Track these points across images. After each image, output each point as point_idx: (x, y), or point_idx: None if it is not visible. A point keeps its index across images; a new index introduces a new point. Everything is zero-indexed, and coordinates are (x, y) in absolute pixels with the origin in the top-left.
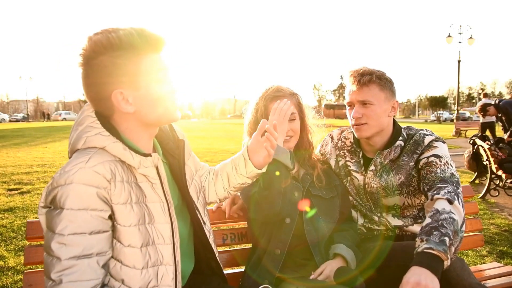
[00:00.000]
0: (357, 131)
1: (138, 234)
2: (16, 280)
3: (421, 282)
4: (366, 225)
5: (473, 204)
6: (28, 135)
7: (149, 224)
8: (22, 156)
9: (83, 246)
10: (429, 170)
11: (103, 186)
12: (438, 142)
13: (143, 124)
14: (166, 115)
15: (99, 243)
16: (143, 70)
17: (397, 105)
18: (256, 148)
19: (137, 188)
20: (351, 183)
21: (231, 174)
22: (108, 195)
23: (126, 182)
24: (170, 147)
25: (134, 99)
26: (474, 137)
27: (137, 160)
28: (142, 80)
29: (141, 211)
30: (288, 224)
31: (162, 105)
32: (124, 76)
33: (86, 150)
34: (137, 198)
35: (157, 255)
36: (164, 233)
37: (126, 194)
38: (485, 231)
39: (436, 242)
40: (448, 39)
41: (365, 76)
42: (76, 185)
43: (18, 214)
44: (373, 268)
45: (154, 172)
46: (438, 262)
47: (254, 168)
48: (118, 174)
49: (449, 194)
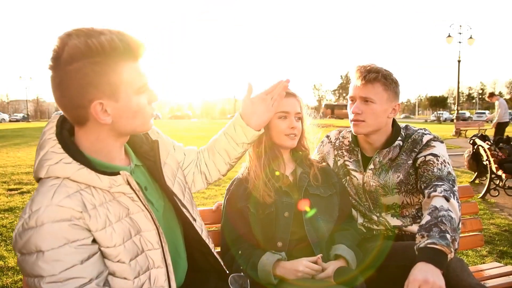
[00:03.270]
0: (354, 127)
1: (125, 251)
2: (16, 280)
3: (429, 279)
4: (365, 225)
5: (473, 204)
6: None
7: (136, 235)
8: (22, 156)
9: (79, 276)
10: (426, 168)
11: (76, 217)
12: (436, 141)
13: (116, 134)
14: (142, 126)
15: (94, 267)
16: (124, 80)
17: (398, 107)
18: (252, 109)
19: (117, 205)
20: (350, 182)
21: (228, 147)
22: (84, 224)
23: (100, 206)
24: (144, 150)
25: (112, 110)
26: (474, 137)
27: (106, 182)
28: (123, 91)
29: (125, 228)
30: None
31: (140, 117)
32: (104, 85)
33: (49, 180)
34: (117, 217)
35: (148, 262)
36: (152, 239)
37: (102, 219)
38: (485, 231)
39: (437, 237)
40: (448, 39)
41: (371, 74)
42: (48, 225)
43: (18, 214)
44: (373, 268)
45: (127, 188)
46: (442, 257)
47: (255, 131)
48: (88, 203)
49: (446, 192)
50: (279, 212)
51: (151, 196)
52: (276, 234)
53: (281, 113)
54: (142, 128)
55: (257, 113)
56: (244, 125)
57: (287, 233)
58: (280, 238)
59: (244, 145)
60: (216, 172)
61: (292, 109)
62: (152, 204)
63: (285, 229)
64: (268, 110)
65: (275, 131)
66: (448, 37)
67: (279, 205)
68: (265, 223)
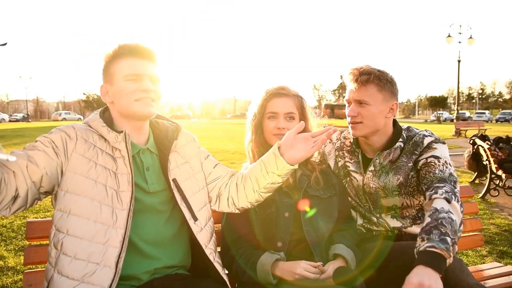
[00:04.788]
0: (351, 129)
1: (92, 187)
2: (16, 280)
3: (425, 283)
4: (365, 226)
5: (473, 204)
6: (28, 135)
7: (111, 189)
8: None
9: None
10: (427, 170)
11: (69, 137)
12: (437, 143)
13: (121, 115)
14: (130, 106)
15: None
16: (116, 69)
17: (396, 106)
18: (292, 143)
19: (110, 158)
20: (350, 183)
21: (259, 174)
22: (69, 146)
23: (96, 147)
24: (163, 143)
25: (110, 93)
26: (474, 137)
27: (112, 136)
28: (115, 77)
29: (104, 174)
30: (280, 247)
31: (124, 98)
32: (107, 74)
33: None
34: (104, 163)
35: (111, 219)
36: (124, 199)
37: (91, 153)
38: (485, 231)
39: (437, 241)
40: (448, 39)
41: (363, 76)
42: (55, 129)
43: (18, 214)
44: (372, 268)
45: (123, 145)
46: (441, 261)
47: (286, 164)
48: (90, 140)
49: (447, 194)
50: (279, 212)
51: (149, 177)
52: (276, 234)
53: (270, 113)
54: (130, 108)
55: (295, 148)
56: (278, 154)
57: (287, 233)
58: (280, 238)
59: (274, 176)
60: (244, 197)
61: (281, 110)
62: (147, 184)
63: (285, 229)
64: (306, 149)
65: (266, 131)
66: (448, 37)
67: (279, 205)
68: (265, 223)
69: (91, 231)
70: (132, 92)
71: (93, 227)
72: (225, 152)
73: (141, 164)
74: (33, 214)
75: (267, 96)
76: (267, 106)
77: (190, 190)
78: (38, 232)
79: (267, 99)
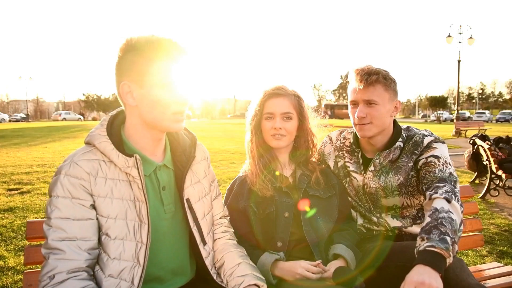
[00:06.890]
0: (360, 131)
1: (114, 226)
2: (16, 280)
3: (425, 281)
4: (365, 226)
5: (473, 204)
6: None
7: (131, 221)
8: (22, 156)
9: (65, 230)
10: (427, 170)
11: (84, 179)
12: (437, 143)
13: (145, 123)
14: (164, 120)
15: (82, 229)
16: (150, 71)
17: (399, 105)
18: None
19: (127, 186)
20: (350, 184)
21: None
22: (89, 187)
23: (110, 179)
24: (180, 158)
25: (137, 95)
26: (474, 137)
27: (121, 160)
28: (147, 80)
29: (123, 207)
30: (279, 247)
31: (159, 109)
32: (134, 72)
33: (87, 146)
34: (121, 195)
35: (135, 253)
36: (143, 233)
37: (107, 189)
38: (485, 231)
39: (437, 240)
40: (448, 39)
41: (372, 76)
42: (62, 176)
43: (18, 214)
44: (372, 268)
45: (135, 171)
46: (441, 260)
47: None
48: (101, 172)
49: (447, 194)
50: (279, 212)
51: (165, 197)
52: (276, 234)
53: (267, 114)
54: (163, 122)
55: (285, 269)
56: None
57: (287, 233)
58: (280, 238)
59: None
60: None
61: (277, 110)
62: (163, 205)
63: (285, 229)
64: (293, 276)
65: (263, 132)
66: (448, 37)
67: (279, 205)
68: (265, 222)
69: (118, 269)
70: (169, 104)
71: (117, 266)
72: (225, 152)
73: (157, 183)
74: (33, 214)
75: (264, 97)
76: (265, 106)
77: (202, 212)
78: (38, 232)
79: (265, 100)
